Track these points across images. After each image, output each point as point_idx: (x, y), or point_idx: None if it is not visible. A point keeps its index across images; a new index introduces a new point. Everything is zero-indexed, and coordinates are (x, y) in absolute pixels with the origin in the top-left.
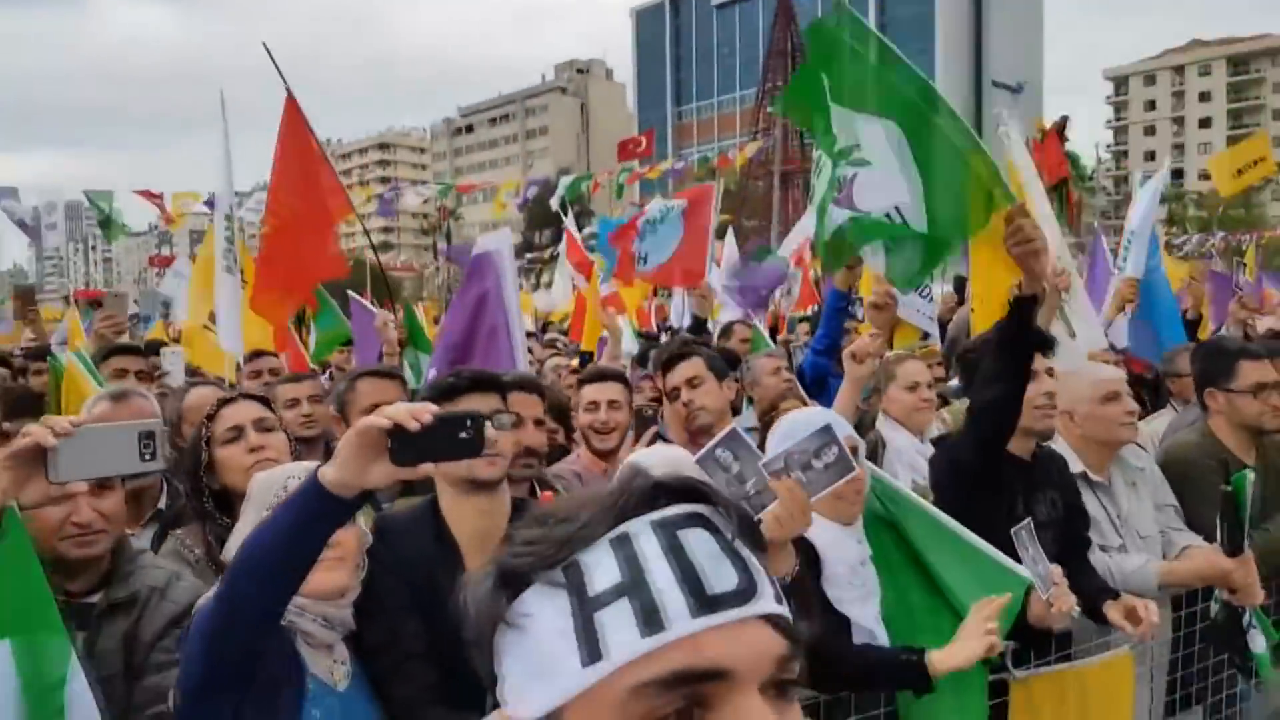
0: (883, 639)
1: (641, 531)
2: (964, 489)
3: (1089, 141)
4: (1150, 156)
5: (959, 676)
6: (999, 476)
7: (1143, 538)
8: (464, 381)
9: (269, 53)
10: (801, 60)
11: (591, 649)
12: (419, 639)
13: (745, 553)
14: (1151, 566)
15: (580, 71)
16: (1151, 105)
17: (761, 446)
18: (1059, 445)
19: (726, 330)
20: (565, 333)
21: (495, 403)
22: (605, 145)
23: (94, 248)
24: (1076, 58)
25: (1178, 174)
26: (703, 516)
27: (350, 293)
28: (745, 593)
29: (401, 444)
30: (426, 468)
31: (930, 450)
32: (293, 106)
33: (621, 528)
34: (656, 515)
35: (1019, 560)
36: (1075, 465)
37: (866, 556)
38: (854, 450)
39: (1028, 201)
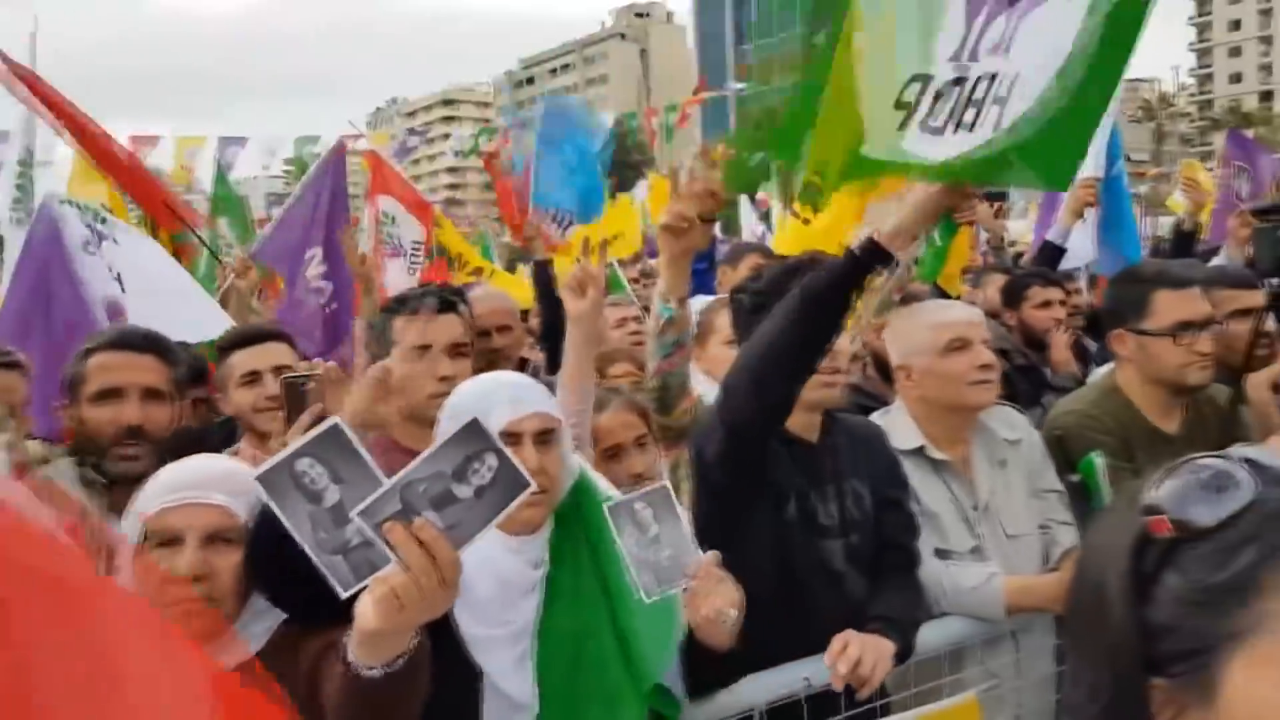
0: (522, 698)
1: None
2: (708, 482)
3: (1167, 66)
4: (1236, 79)
5: None
6: (761, 465)
7: (1011, 537)
8: None
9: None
10: None
11: None
12: None
13: None
14: (996, 583)
15: (639, 15)
16: (1236, 25)
17: None
18: (896, 412)
19: None
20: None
21: None
22: (666, 90)
23: None
24: None
25: (1266, 97)
26: None
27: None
28: None
29: None
30: None
31: None
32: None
33: None
34: None
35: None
36: (913, 439)
37: (538, 580)
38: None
39: None
